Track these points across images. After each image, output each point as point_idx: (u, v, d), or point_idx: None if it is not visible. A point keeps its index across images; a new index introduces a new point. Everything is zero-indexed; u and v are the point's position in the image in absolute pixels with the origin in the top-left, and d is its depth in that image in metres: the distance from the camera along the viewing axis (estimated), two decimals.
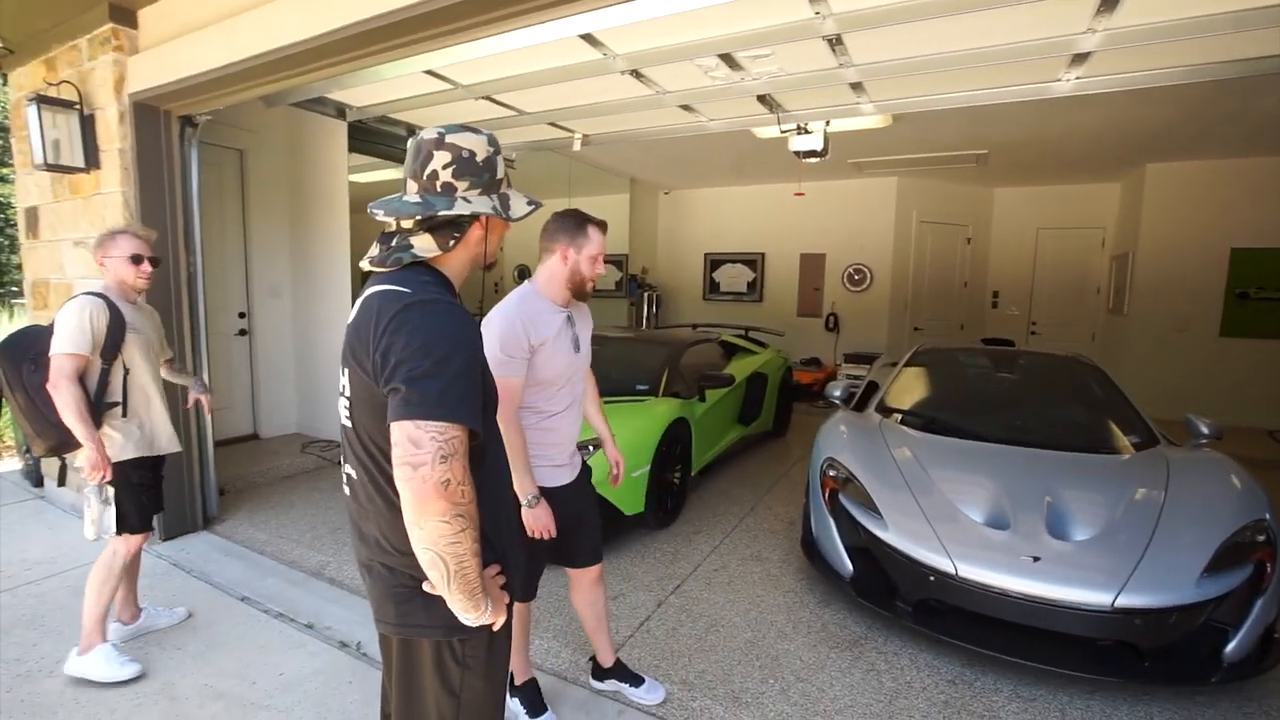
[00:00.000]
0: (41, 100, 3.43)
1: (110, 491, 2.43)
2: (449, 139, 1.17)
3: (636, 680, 2.36)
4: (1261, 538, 2.44)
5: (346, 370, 1.17)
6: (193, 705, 2.30)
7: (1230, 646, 2.29)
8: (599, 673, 2.40)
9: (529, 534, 1.94)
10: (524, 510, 1.91)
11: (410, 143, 1.21)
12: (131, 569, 2.69)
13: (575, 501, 2.10)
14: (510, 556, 1.28)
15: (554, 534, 1.95)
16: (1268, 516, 2.50)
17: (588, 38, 3.01)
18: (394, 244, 1.17)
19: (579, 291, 1.99)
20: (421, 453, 0.99)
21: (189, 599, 3.02)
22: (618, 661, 2.38)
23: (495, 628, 1.22)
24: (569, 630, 2.78)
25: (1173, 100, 4.71)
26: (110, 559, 2.46)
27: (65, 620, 2.78)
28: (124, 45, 3.45)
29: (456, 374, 1.03)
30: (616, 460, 2.31)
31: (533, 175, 7.31)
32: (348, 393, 1.18)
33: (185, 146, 3.68)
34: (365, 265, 1.20)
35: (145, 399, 2.55)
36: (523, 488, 1.89)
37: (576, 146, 5.06)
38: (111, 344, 2.39)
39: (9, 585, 3.12)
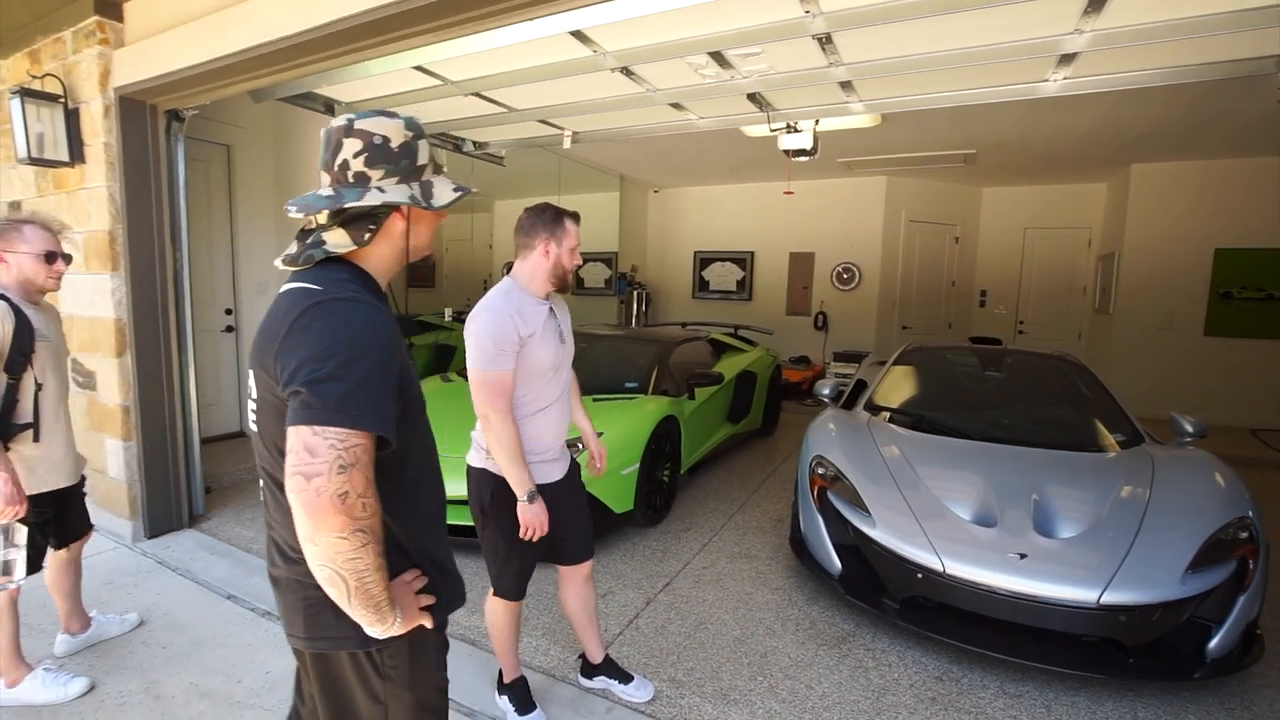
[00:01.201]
0: (25, 93, 3.37)
1: (22, 532, 2.12)
2: (358, 125, 1.09)
3: (625, 677, 2.36)
4: (1244, 535, 2.47)
5: (252, 372, 1.09)
6: (178, 705, 2.28)
7: (1213, 643, 2.32)
8: (588, 670, 2.40)
9: (521, 533, 1.93)
10: (519, 506, 1.91)
11: (322, 132, 1.13)
12: (73, 577, 2.53)
13: (565, 498, 2.10)
14: (436, 567, 1.20)
15: (546, 532, 1.95)
16: (1250, 514, 2.54)
17: (578, 34, 2.99)
18: (309, 241, 1.10)
19: (562, 284, 2.01)
20: (317, 461, 0.90)
21: (174, 597, 2.99)
22: (607, 658, 2.39)
23: (428, 624, 1.15)
24: (558, 628, 2.77)
25: (1159, 101, 4.75)
26: None
27: (47, 617, 2.74)
28: (109, 38, 3.40)
29: (363, 377, 0.95)
30: (598, 452, 2.34)
31: (522, 172, 7.28)
32: (254, 395, 1.10)
33: (171, 141, 3.64)
34: (279, 264, 1.12)
35: (56, 420, 2.25)
36: (520, 483, 1.89)
37: (566, 144, 5.04)
38: (19, 354, 2.07)
39: None
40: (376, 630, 1.04)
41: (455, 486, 2.18)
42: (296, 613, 1.12)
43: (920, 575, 2.54)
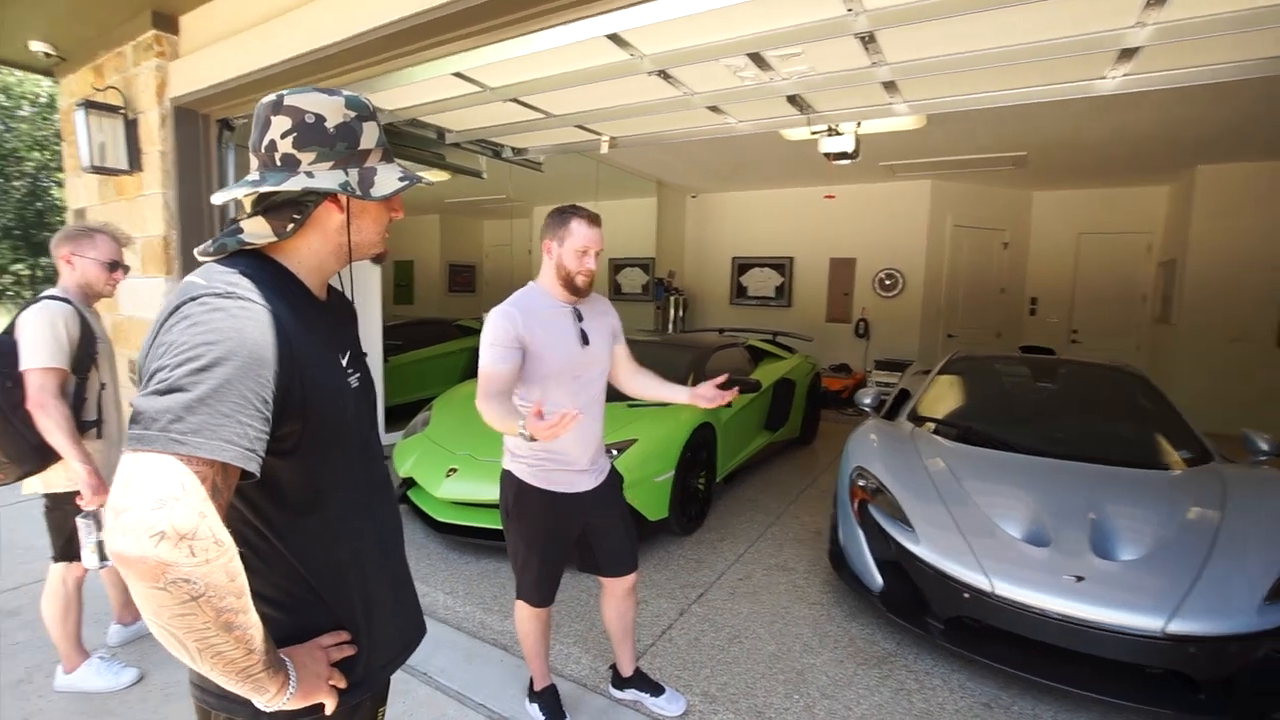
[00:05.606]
0: (89, 105, 3.55)
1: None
2: (289, 101, 0.96)
3: (657, 690, 2.31)
4: None
5: None
6: None
7: None
8: (619, 682, 2.36)
9: (547, 436, 1.50)
10: (530, 428, 1.52)
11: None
12: None
13: (600, 509, 2.06)
14: (367, 625, 1.02)
15: (571, 413, 1.52)
16: None
17: (615, 38, 2.98)
18: (226, 229, 0.96)
19: (569, 285, 1.93)
20: (130, 493, 0.72)
21: None
22: (638, 671, 2.34)
23: (327, 710, 0.94)
24: (590, 636, 2.74)
25: (1226, 98, 4.49)
26: (61, 588, 2.32)
27: (103, 607, 2.83)
28: (166, 51, 3.56)
29: (212, 390, 0.77)
30: (708, 391, 1.95)
31: (561, 178, 7.32)
32: None
33: (222, 149, 3.77)
34: (197, 254, 0.98)
35: (117, 417, 2.36)
36: (512, 429, 1.64)
37: (604, 149, 5.04)
38: (85, 355, 2.18)
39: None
40: (259, 701, 0.85)
41: (488, 490, 2.18)
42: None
43: (967, 595, 2.41)
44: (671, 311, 8.79)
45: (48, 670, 2.41)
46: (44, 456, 2.13)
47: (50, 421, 2.03)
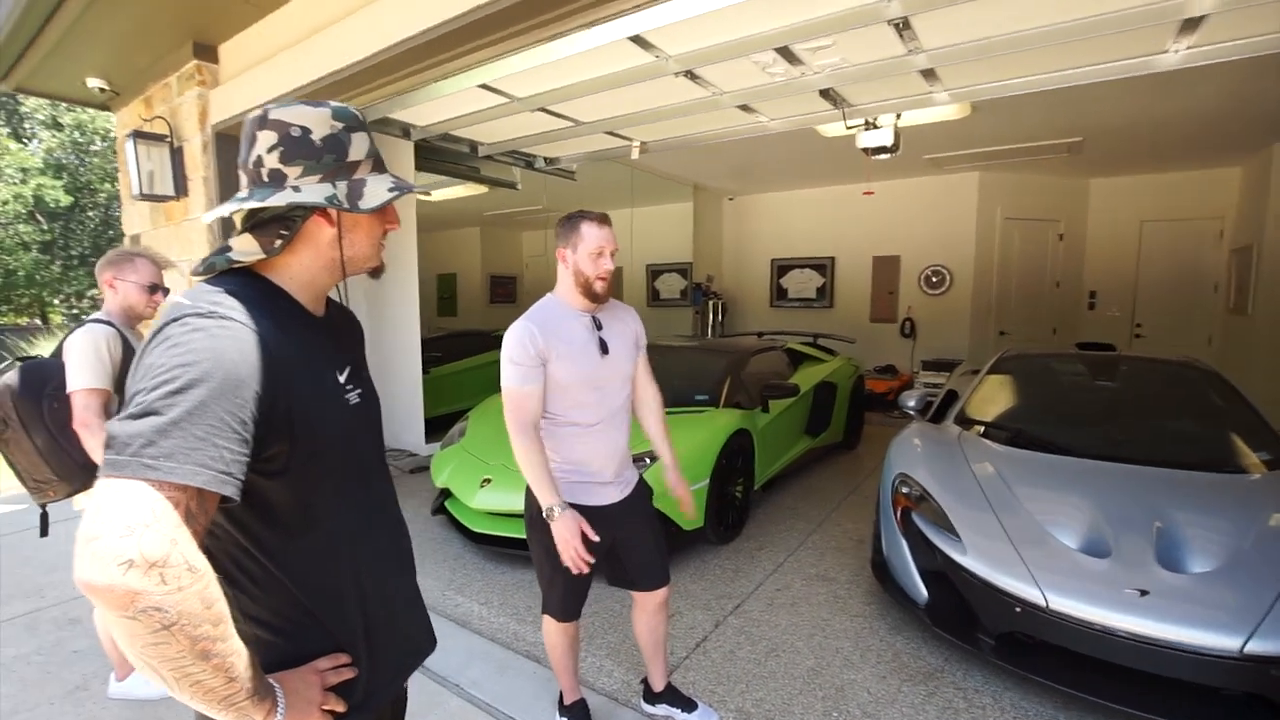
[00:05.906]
0: (138, 135, 3.73)
1: None
2: (273, 115, 0.93)
3: (689, 705, 2.24)
4: None
5: None
6: None
7: None
8: (650, 696, 2.30)
9: (561, 545, 1.78)
10: (552, 526, 1.79)
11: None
12: None
13: (627, 522, 2.01)
14: (368, 647, 0.99)
15: (585, 554, 1.79)
16: None
17: (638, 40, 2.95)
18: (216, 248, 0.95)
19: (588, 292, 1.90)
20: (99, 521, 0.69)
21: None
22: (670, 685, 2.28)
23: None
24: (622, 647, 2.69)
25: None
26: None
27: None
28: (207, 80, 3.71)
29: (189, 412, 0.75)
30: (676, 487, 2.10)
31: (595, 187, 7.35)
32: None
33: None
34: (189, 274, 0.99)
35: None
36: (544, 496, 1.79)
37: (634, 154, 5.03)
38: (127, 376, 2.29)
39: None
40: None
41: (522, 500, 2.16)
42: None
43: (1019, 609, 2.26)
44: (710, 316, 8.70)
45: (103, 677, 2.51)
46: (91, 474, 2.19)
47: (95, 440, 2.09)
